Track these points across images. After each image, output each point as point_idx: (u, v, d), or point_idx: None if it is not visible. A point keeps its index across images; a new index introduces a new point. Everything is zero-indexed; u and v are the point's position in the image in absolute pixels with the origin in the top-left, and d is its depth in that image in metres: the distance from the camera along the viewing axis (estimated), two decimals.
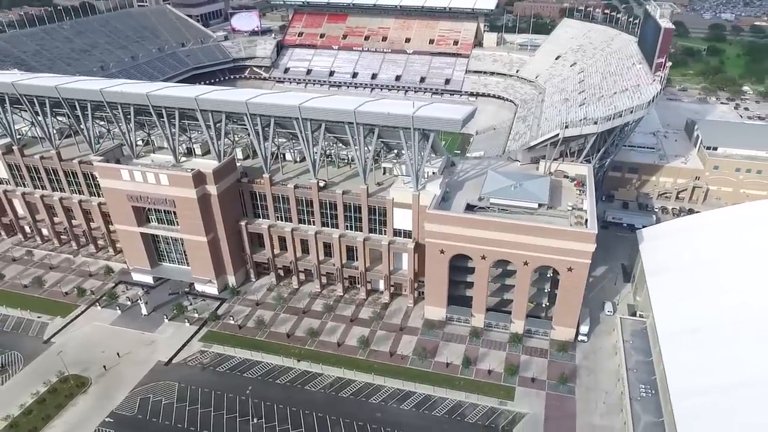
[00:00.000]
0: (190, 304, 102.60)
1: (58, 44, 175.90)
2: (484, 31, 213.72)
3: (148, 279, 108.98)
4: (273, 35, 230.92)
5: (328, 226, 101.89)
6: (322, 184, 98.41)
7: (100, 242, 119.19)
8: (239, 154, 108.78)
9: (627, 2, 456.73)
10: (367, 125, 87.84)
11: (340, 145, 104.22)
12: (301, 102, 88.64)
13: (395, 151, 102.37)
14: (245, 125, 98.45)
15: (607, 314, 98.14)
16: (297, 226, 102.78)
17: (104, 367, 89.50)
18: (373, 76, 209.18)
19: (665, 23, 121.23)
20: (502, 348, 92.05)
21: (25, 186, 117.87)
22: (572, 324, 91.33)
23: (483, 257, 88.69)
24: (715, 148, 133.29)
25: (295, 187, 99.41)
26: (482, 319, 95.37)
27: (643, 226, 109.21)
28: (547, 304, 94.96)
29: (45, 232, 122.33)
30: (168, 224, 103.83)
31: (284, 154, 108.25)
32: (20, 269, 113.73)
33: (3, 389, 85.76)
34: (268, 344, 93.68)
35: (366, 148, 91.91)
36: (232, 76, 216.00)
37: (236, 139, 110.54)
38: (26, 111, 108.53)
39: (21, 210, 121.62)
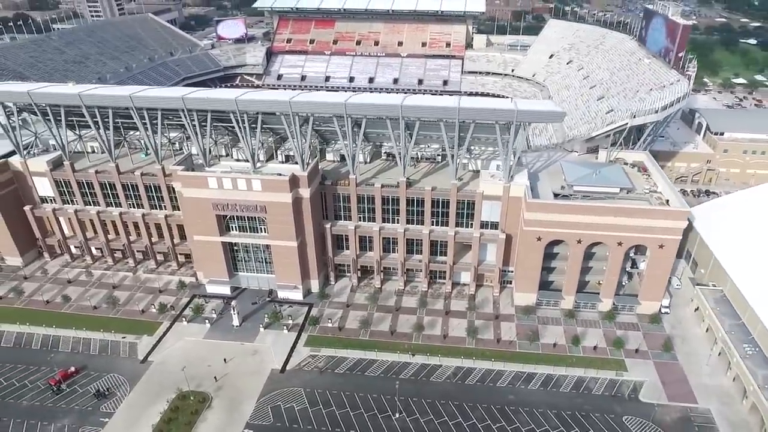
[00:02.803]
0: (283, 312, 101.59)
1: (51, 56, 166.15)
2: (473, 33, 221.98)
3: (225, 290, 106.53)
4: (260, 42, 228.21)
5: (413, 223, 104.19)
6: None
7: (159, 257, 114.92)
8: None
9: (568, 4, 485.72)
10: (466, 121, 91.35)
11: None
12: (402, 102, 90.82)
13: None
14: (329, 127, 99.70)
15: (676, 288, 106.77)
16: (382, 225, 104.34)
17: (215, 378, 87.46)
18: (371, 80, 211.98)
19: (683, 21, 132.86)
20: (596, 325, 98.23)
21: (73, 203, 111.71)
22: (658, 298, 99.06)
23: (579, 241, 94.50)
24: (722, 134, 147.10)
25: (382, 186, 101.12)
26: (572, 301, 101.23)
27: None
28: (627, 281, 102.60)
29: (94, 250, 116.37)
30: (251, 231, 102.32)
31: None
32: (81, 291, 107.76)
33: (121, 413, 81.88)
34: (374, 343, 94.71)
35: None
36: (222, 85, 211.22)
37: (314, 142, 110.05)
38: (75, 124, 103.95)
39: (67, 229, 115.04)
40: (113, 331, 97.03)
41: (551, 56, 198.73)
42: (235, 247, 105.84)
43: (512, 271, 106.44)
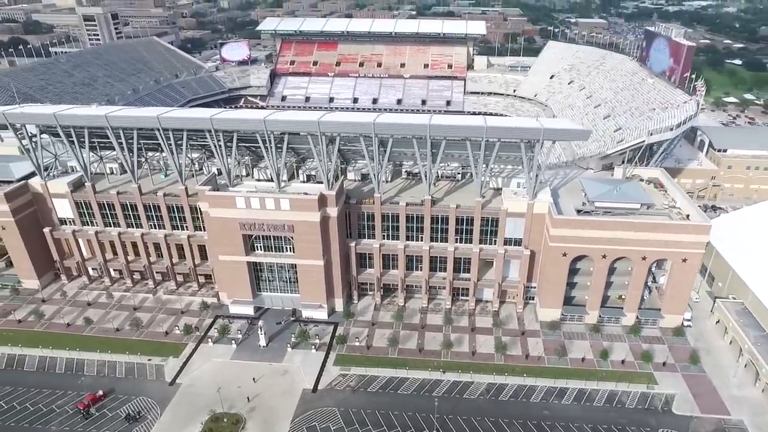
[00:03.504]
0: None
1: (60, 79, 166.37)
2: (474, 54, 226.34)
3: (249, 310, 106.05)
4: (263, 65, 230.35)
5: (437, 241, 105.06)
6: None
7: (179, 278, 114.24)
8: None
9: (557, 27, 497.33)
10: (491, 140, 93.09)
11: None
12: (430, 121, 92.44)
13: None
14: (354, 147, 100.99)
15: (695, 301, 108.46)
16: (407, 243, 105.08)
17: (247, 398, 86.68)
18: (374, 101, 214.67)
19: (687, 42, 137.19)
20: (621, 339, 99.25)
21: (93, 225, 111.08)
22: (681, 311, 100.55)
23: (604, 256, 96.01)
24: (725, 150, 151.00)
25: (407, 204, 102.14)
26: (596, 315, 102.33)
27: None
28: (647, 295, 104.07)
29: (112, 272, 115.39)
30: (276, 251, 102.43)
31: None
32: (101, 313, 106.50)
33: None
34: (403, 361, 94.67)
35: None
36: (227, 106, 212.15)
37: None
38: (96, 145, 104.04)
39: (86, 251, 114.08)
40: (139, 353, 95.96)
41: (552, 77, 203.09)
42: (259, 267, 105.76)
43: (534, 287, 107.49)
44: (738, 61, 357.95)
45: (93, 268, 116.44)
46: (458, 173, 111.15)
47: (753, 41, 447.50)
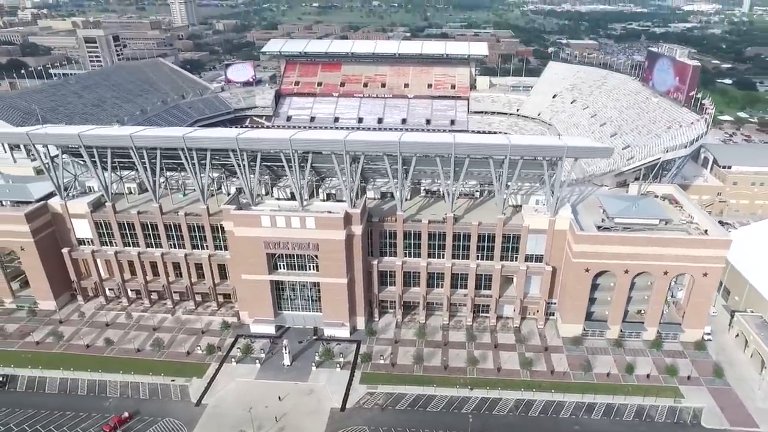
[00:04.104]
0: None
1: (70, 100, 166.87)
2: (476, 75, 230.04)
3: (270, 329, 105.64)
4: (268, 85, 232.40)
5: (458, 258, 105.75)
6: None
7: (197, 297, 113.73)
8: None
9: (549, 47, 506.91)
10: (515, 158, 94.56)
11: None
12: (455, 140, 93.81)
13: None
14: (377, 165, 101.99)
15: (712, 315, 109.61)
16: (429, 260, 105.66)
17: (276, 418, 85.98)
18: (379, 120, 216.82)
19: (692, 62, 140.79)
20: (644, 354, 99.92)
21: (112, 245, 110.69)
22: (701, 325, 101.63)
23: (626, 271, 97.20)
24: (730, 167, 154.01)
25: (429, 222, 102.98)
26: (617, 330, 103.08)
27: None
28: (665, 310, 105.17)
29: (130, 292, 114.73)
30: (299, 269, 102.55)
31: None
32: (121, 334, 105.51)
33: None
34: (429, 378, 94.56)
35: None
36: (233, 127, 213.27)
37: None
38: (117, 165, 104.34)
39: (103, 271, 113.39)
40: (162, 374, 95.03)
41: (554, 96, 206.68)
42: (281, 286, 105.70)
43: (555, 303, 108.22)
44: (728, 81, 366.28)
45: (110, 289, 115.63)
46: (476, 191, 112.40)
47: (740, 61, 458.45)
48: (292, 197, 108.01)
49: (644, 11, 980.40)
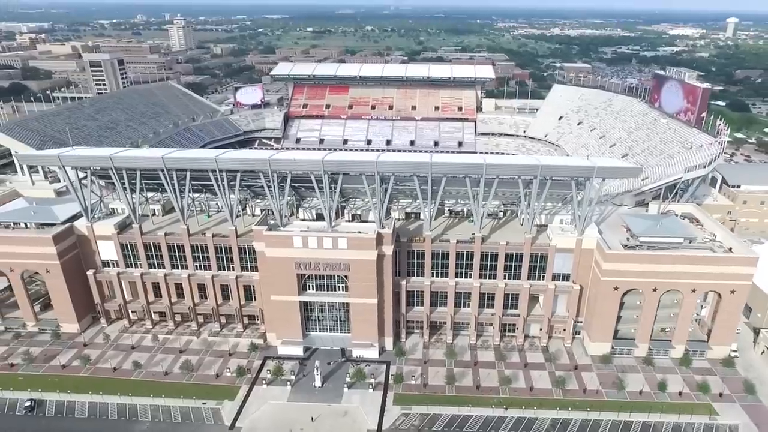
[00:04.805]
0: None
1: (85, 122, 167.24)
2: (482, 97, 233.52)
3: (298, 351, 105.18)
4: (277, 108, 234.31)
5: (485, 278, 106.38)
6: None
7: (222, 319, 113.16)
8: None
9: (544, 71, 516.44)
10: (546, 178, 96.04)
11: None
12: (486, 161, 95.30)
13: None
14: (406, 186, 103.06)
15: (737, 332, 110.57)
16: (456, 280, 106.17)
17: None
18: (388, 142, 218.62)
19: (702, 84, 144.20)
20: (673, 371, 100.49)
21: (137, 266, 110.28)
22: (728, 342, 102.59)
23: (654, 289, 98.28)
24: (739, 186, 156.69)
25: (457, 242, 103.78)
26: (646, 348, 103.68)
27: None
28: (690, 328, 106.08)
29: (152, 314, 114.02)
30: (328, 290, 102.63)
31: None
32: (147, 356, 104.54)
33: None
34: (463, 398, 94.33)
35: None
36: (242, 149, 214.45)
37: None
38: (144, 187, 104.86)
39: (127, 293, 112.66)
40: (193, 397, 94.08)
41: (560, 118, 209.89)
42: (309, 307, 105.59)
43: (581, 322, 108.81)
44: (721, 103, 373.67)
45: (132, 311, 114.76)
46: (500, 211, 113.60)
47: (731, 84, 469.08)
48: (317, 218, 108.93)
49: (631, 35, 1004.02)
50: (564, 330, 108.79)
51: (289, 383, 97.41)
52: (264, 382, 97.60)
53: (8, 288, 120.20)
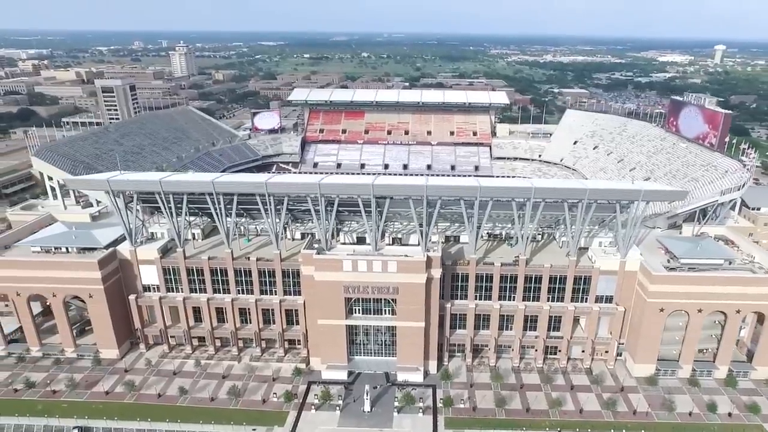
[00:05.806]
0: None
1: (111, 147, 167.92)
2: (496, 122, 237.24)
3: (342, 375, 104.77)
4: (293, 132, 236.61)
5: (529, 300, 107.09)
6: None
7: (263, 343, 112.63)
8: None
9: (545, 97, 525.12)
10: (592, 201, 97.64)
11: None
12: (534, 184, 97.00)
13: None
14: (453, 210, 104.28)
15: None
16: (500, 303, 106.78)
17: None
18: (405, 167, 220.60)
19: (723, 110, 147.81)
20: (720, 392, 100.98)
21: (178, 291, 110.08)
22: None
23: (699, 310, 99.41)
24: (759, 209, 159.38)
25: (502, 265, 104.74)
26: (689, 369, 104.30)
27: None
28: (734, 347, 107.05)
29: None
30: (375, 314, 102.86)
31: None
32: (190, 382, 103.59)
33: None
34: (513, 421, 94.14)
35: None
36: (260, 173, 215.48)
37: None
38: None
39: (168, 318, 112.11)
40: (244, 423, 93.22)
41: (575, 142, 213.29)
42: (354, 331, 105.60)
43: (623, 344, 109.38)
44: None
45: (171, 336, 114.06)
46: (539, 233, 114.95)
47: (728, 109, 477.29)
48: (358, 242, 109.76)
49: (622, 62, 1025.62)
50: (606, 352, 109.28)
51: (337, 408, 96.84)
52: (312, 407, 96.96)
53: (41, 313, 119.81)
